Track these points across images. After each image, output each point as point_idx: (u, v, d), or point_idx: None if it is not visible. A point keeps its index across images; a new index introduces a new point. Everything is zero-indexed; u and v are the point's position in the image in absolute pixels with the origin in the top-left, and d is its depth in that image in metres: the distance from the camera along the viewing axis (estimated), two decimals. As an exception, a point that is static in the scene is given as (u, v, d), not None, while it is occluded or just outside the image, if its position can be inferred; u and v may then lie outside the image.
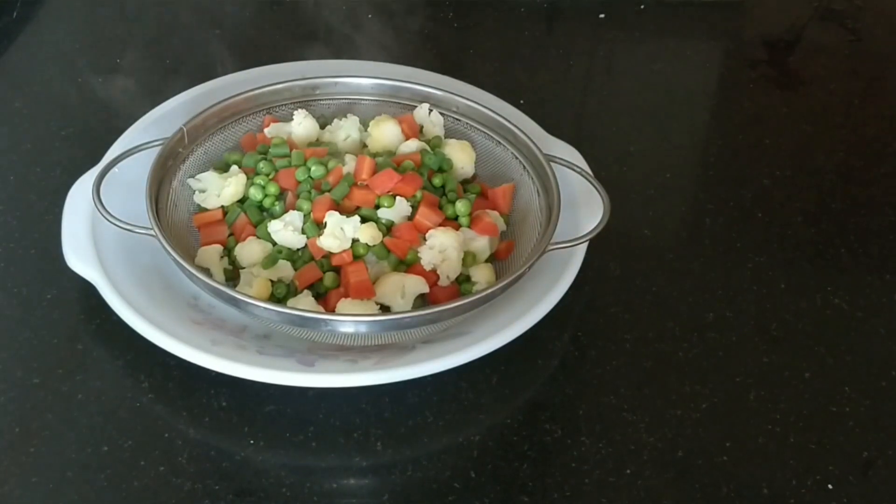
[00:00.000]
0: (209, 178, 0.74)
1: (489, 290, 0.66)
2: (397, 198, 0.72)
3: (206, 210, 0.74)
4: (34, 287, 0.73)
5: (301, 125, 0.77)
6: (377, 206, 0.72)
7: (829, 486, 0.64)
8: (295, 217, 0.71)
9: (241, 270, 0.71)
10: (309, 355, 0.67)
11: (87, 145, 0.80)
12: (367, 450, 0.65)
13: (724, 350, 0.71)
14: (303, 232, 0.71)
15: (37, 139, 0.84)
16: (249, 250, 0.71)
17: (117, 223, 0.68)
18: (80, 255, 0.70)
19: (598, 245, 0.74)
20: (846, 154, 0.88)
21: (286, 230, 0.71)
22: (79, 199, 0.72)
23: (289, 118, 0.78)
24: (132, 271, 0.70)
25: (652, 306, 0.74)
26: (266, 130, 0.78)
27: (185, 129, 0.74)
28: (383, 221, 0.72)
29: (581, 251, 0.72)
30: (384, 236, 0.71)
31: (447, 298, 0.69)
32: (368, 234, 0.70)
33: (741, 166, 0.85)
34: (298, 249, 0.71)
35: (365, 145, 0.78)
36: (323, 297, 0.70)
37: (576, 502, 0.63)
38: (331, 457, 0.65)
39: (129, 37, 0.98)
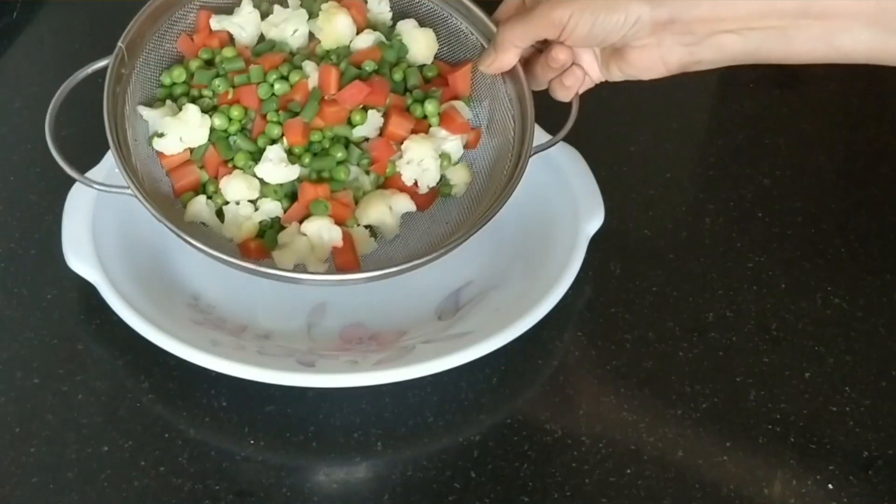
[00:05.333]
0: (167, 123, 0.69)
1: (469, 231, 0.67)
2: (369, 111, 0.70)
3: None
4: (34, 287, 0.72)
5: (248, 24, 0.72)
6: (349, 123, 0.70)
7: (830, 486, 0.64)
8: (276, 150, 0.69)
9: (224, 207, 0.69)
10: (309, 355, 0.67)
11: (87, 145, 0.80)
12: (367, 450, 0.65)
13: (724, 350, 0.71)
14: (291, 158, 0.69)
15: (37, 139, 0.84)
16: (236, 186, 0.69)
17: (87, 183, 0.67)
18: (80, 255, 0.70)
19: (598, 245, 0.74)
20: (846, 154, 0.88)
21: (276, 167, 0.68)
22: (79, 199, 0.72)
23: (224, 8, 0.73)
24: (132, 271, 0.70)
25: (652, 306, 0.74)
26: (212, 23, 0.72)
27: (122, 46, 0.70)
28: (358, 137, 0.70)
29: (581, 251, 0.72)
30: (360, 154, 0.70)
31: (428, 203, 0.71)
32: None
33: (741, 166, 0.85)
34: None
35: (313, 35, 0.73)
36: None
37: (576, 502, 0.63)
38: (331, 457, 0.65)
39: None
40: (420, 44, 0.73)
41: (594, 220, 0.74)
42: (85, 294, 0.70)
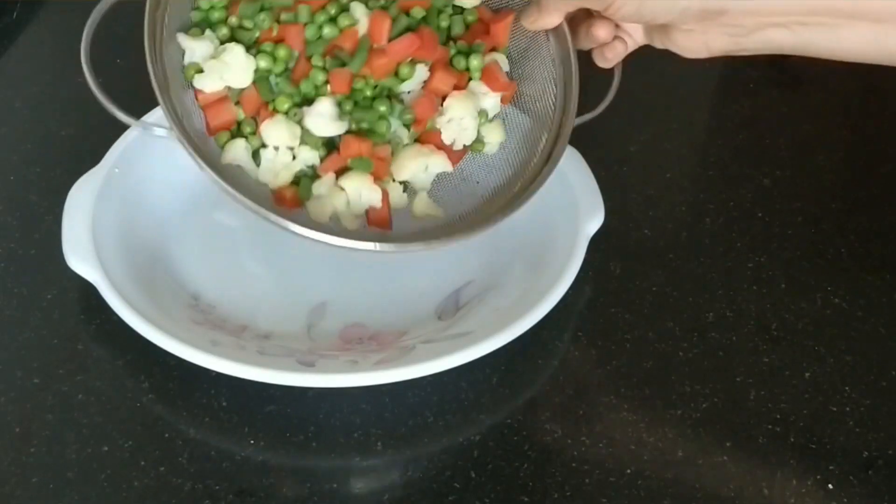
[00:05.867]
0: (210, 66, 0.67)
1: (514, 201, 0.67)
2: (417, 65, 0.69)
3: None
4: (34, 287, 0.72)
5: None
6: (396, 76, 0.69)
7: (830, 486, 0.64)
8: (328, 105, 0.67)
9: (262, 150, 0.68)
10: (309, 355, 0.67)
11: (87, 145, 0.80)
12: (367, 450, 0.65)
13: (724, 350, 0.71)
14: (341, 114, 0.68)
15: (37, 139, 0.84)
16: (277, 131, 0.67)
17: (125, 118, 0.67)
18: (80, 255, 0.70)
19: (598, 245, 0.74)
20: (846, 154, 0.88)
21: (326, 121, 0.67)
22: (79, 199, 0.72)
23: None
24: (132, 271, 0.70)
25: (652, 306, 0.74)
26: None
27: None
28: (405, 93, 0.70)
29: (581, 251, 0.72)
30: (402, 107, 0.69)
31: (457, 159, 0.70)
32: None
33: (741, 166, 0.85)
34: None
35: None
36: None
37: (576, 502, 0.63)
38: (331, 457, 0.65)
39: (129, 37, 0.97)
40: None
41: (594, 220, 0.74)
42: (85, 294, 0.70)
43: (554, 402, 0.68)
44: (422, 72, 0.69)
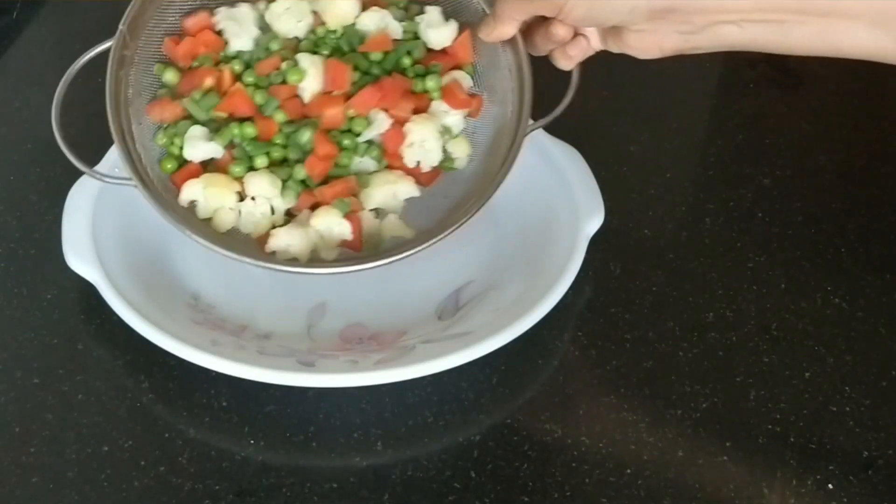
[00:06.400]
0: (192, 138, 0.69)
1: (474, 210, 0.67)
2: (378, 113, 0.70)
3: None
4: (34, 287, 0.73)
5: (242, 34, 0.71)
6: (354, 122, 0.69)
7: (830, 486, 0.64)
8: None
9: (240, 203, 0.69)
10: (309, 355, 0.67)
11: (87, 145, 0.80)
12: (367, 450, 0.65)
13: (724, 350, 0.71)
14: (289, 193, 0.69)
15: (37, 139, 0.84)
16: (259, 183, 0.68)
17: (94, 175, 0.68)
18: (80, 255, 0.70)
19: (598, 245, 0.74)
20: (846, 154, 0.88)
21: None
22: (79, 199, 0.72)
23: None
24: (132, 271, 0.70)
25: (652, 306, 0.74)
26: (218, 20, 0.71)
27: (124, 29, 0.70)
28: (369, 140, 0.70)
29: (581, 251, 0.72)
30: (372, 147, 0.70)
31: (431, 180, 0.71)
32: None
33: (741, 166, 0.85)
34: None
35: (315, 12, 0.72)
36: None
37: (576, 502, 0.63)
38: (331, 457, 0.65)
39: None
40: (441, 36, 0.72)
41: (594, 220, 0.74)
42: (85, 294, 0.70)
43: (554, 402, 0.68)
44: (382, 119, 0.69)
